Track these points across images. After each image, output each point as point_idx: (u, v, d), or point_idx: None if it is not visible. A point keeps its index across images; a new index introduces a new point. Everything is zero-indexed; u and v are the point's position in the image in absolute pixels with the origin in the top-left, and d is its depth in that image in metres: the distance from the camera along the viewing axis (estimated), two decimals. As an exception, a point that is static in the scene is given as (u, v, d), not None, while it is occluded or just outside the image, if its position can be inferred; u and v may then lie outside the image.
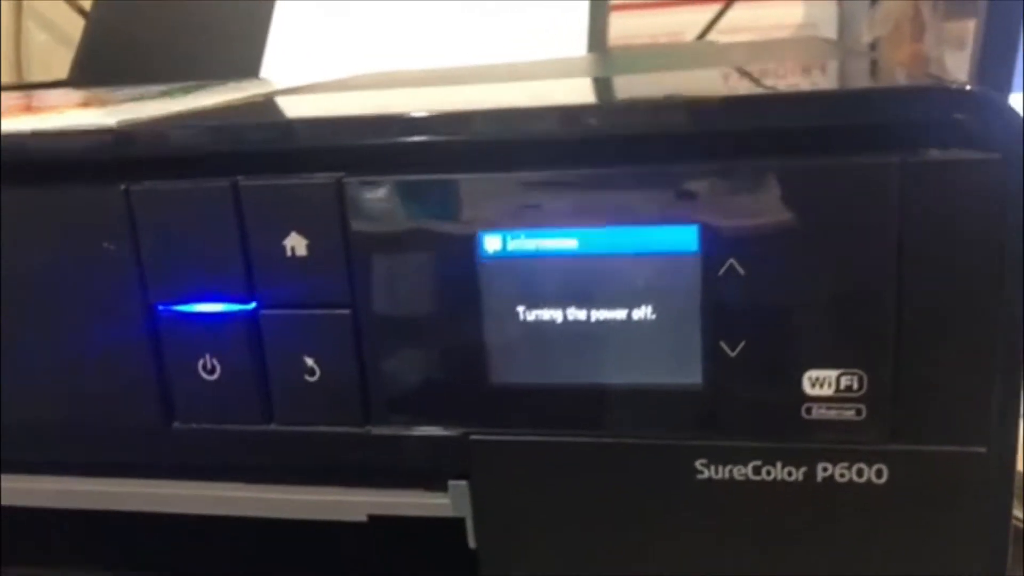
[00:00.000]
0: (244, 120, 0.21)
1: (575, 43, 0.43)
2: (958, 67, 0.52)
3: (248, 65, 0.48)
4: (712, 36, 0.63)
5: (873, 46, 0.60)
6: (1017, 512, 0.32)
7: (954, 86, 0.17)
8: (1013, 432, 0.18)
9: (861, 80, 0.22)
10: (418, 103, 0.23)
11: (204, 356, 0.21)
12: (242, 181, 0.20)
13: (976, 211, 0.17)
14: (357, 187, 0.19)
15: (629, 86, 0.25)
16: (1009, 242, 0.17)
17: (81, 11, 0.64)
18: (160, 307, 0.21)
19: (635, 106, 0.19)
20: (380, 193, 0.19)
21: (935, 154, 0.17)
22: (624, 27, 0.65)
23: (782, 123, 0.18)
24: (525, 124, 0.19)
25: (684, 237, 0.18)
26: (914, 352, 0.18)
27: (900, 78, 0.22)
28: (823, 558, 0.19)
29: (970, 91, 0.17)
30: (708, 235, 0.18)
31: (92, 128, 0.21)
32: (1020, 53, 0.34)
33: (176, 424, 0.22)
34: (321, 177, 0.20)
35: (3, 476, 0.23)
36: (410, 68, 0.41)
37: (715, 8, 0.64)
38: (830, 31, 0.63)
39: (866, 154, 0.17)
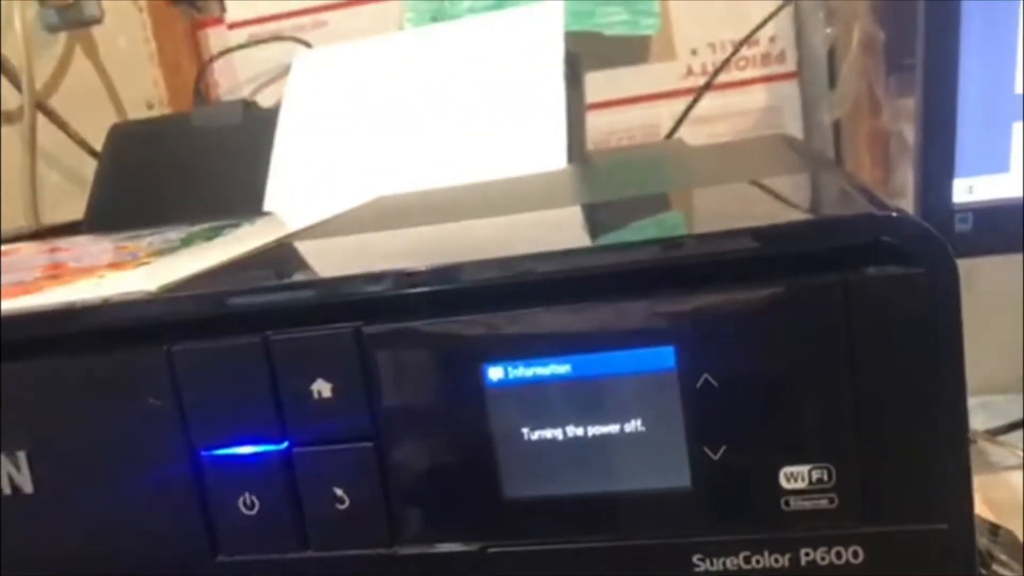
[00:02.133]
0: (270, 284, 0.24)
1: (555, 156, 0.47)
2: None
3: (253, 197, 0.52)
4: (684, 127, 0.67)
5: (836, 126, 0.64)
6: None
7: (882, 213, 0.20)
8: (969, 507, 0.20)
9: (807, 201, 0.25)
10: (421, 248, 0.26)
11: (244, 493, 0.23)
12: (272, 336, 0.23)
13: (911, 316, 0.20)
14: (375, 334, 0.22)
15: (604, 219, 0.28)
16: (943, 341, 0.20)
17: (92, 152, 0.68)
18: (203, 452, 0.23)
19: (611, 248, 0.22)
20: (394, 337, 0.22)
21: (872, 271, 0.20)
22: (602, 124, 0.70)
23: (739, 254, 0.20)
24: (513, 268, 0.22)
25: (662, 357, 0.21)
26: (874, 443, 0.20)
27: (838, 203, 0.25)
28: (816, 636, 0.21)
29: (896, 217, 0.20)
30: (683, 354, 0.21)
31: (134, 298, 0.24)
32: (957, 130, 0.37)
33: (220, 557, 0.24)
34: (341, 327, 0.22)
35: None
36: (402, 191, 0.45)
37: (686, 101, 0.68)
38: (794, 112, 0.67)
39: (813, 275, 0.20)
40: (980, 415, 0.54)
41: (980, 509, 0.42)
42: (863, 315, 0.20)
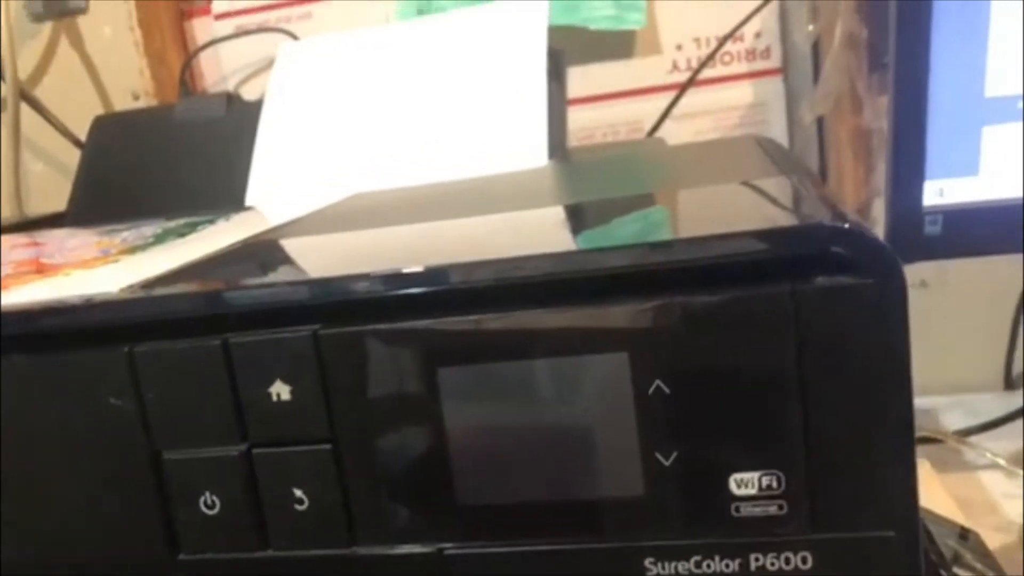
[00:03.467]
0: (230, 288, 0.24)
1: (536, 153, 0.47)
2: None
3: (235, 191, 0.52)
4: (669, 123, 0.68)
5: (819, 122, 0.64)
6: None
7: (831, 223, 0.20)
8: (915, 515, 0.20)
9: (765, 209, 0.25)
10: (389, 249, 0.26)
11: (204, 493, 0.24)
12: (231, 339, 0.23)
13: (860, 326, 0.20)
14: (331, 337, 0.22)
15: (566, 223, 0.28)
16: (890, 351, 0.20)
17: (77, 142, 0.68)
18: (163, 452, 0.24)
19: (569, 255, 0.22)
20: (350, 340, 0.22)
21: (821, 281, 0.20)
22: (587, 119, 0.70)
23: (690, 263, 0.21)
24: (465, 275, 0.22)
25: (616, 364, 0.21)
26: (822, 451, 0.20)
27: (794, 211, 0.25)
28: (765, 640, 0.21)
29: (845, 228, 0.20)
30: (636, 361, 0.21)
31: (95, 299, 0.24)
32: (927, 133, 0.37)
33: (181, 556, 0.24)
34: (299, 330, 0.22)
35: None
36: (381, 188, 0.45)
37: (671, 96, 0.68)
38: (779, 109, 0.67)
39: (763, 284, 0.20)
40: (957, 413, 0.54)
41: (951, 508, 0.43)
42: (812, 324, 0.20)
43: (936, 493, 0.44)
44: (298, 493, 0.23)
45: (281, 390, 0.23)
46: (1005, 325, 0.57)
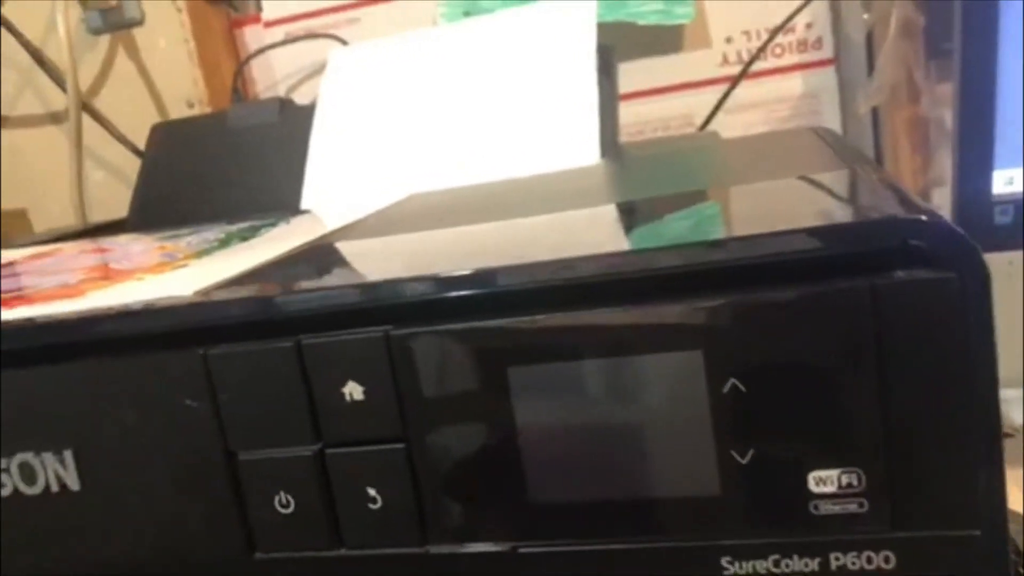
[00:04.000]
0: (301, 290, 0.24)
1: (588, 151, 0.47)
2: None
3: (291, 195, 0.52)
4: (720, 116, 0.67)
5: (874, 113, 0.63)
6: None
7: (909, 216, 0.20)
8: (1001, 514, 0.20)
9: (836, 202, 0.25)
10: (451, 250, 0.26)
11: (279, 493, 0.24)
12: (304, 340, 0.23)
13: (942, 320, 0.19)
14: (403, 338, 0.22)
15: (631, 221, 0.28)
16: (974, 345, 0.19)
17: (136, 151, 0.69)
18: (238, 453, 0.24)
19: (635, 254, 0.22)
20: (423, 341, 0.22)
21: (900, 275, 0.20)
22: (637, 114, 0.69)
23: (766, 259, 0.20)
24: (537, 274, 0.22)
25: (691, 362, 0.21)
26: (904, 448, 0.20)
27: (867, 203, 0.24)
28: (846, 640, 0.21)
29: (924, 220, 0.20)
30: (710, 359, 0.21)
31: (170, 303, 0.24)
32: (996, 120, 0.36)
33: (257, 555, 0.25)
34: (371, 331, 0.23)
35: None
36: (436, 189, 0.45)
37: (722, 89, 0.67)
38: (832, 100, 0.66)
39: (841, 279, 0.20)
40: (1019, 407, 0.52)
41: (1018, 501, 0.42)
42: (892, 319, 0.20)
43: (1008, 490, 0.42)
44: (371, 492, 0.23)
45: (354, 390, 0.23)
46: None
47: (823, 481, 0.20)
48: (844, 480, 0.20)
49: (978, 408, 0.20)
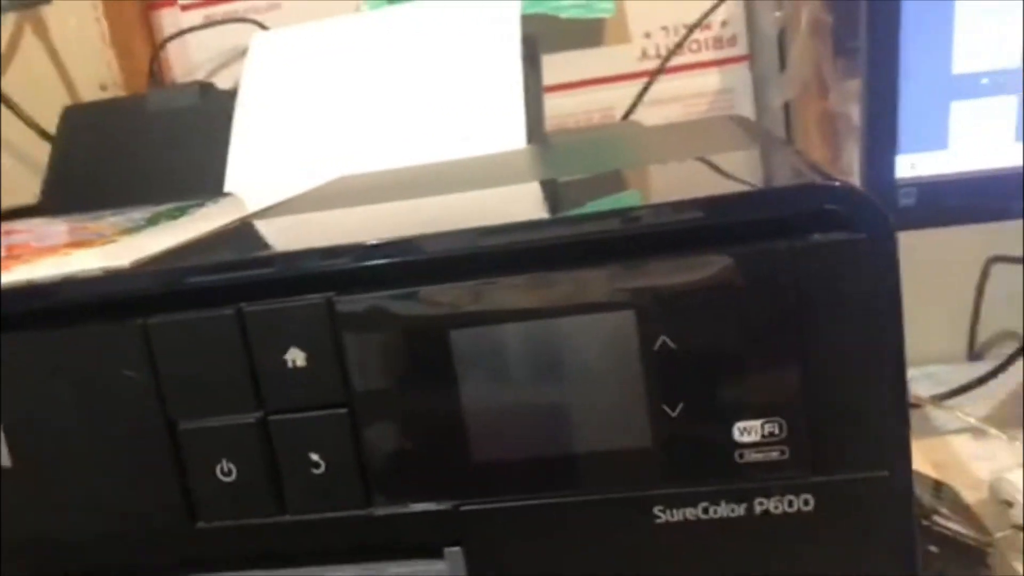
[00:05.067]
0: (242, 258, 0.24)
1: (514, 136, 0.48)
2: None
3: (212, 179, 0.52)
4: (640, 109, 0.69)
5: (786, 107, 0.66)
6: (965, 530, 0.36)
7: (825, 183, 0.22)
8: (907, 456, 0.22)
9: (755, 174, 0.26)
10: (384, 222, 0.27)
11: (221, 461, 0.24)
12: (245, 308, 0.23)
13: (854, 279, 0.21)
14: (345, 304, 0.23)
15: (564, 194, 0.29)
16: (884, 302, 0.21)
17: (45, 135, 0.67)
18: (179, 423, 0.24)
19: (572, 220, 0.23)
20: (364, 307, 0.23)
21: (817, 238, 0.21)
22: (559, 106, 0.71)
23: (693, 223, 0.22)
24: (479, 240, 0.22)
25: (623, 321, 0.22)
26: (821, 398, 0.22)
27: (784, 174, 0.26)
28: (769, 581, 0.23)
29: (839, 186, 0.21)
30: (642, 319, 0.22)
31: (108, 272, 0.24)
32: (899, 109, 0.39)
33: (200, 524, 0.25)
34: (314, 298, 0.23)
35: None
36: (362, 171, 0.45)
37: (641, 83, 0.69)
38: (746, 94, 0.69)
39: (762, 242, 0.21)
40: (924, 384, 0.56)
41: (925, 469, 0.45)
42: (810, 279, 0.21)
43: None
44: (315, 457, 0.24)
45: (296, 357, 0.23)
46: (968, 296, 0.59)
47: (747, 431, 0.22)
48: (767, 429, 0.22)
49: (887, 359, 0.21)
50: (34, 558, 0.25)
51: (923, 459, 0.45)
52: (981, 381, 0.52)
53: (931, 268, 0.61)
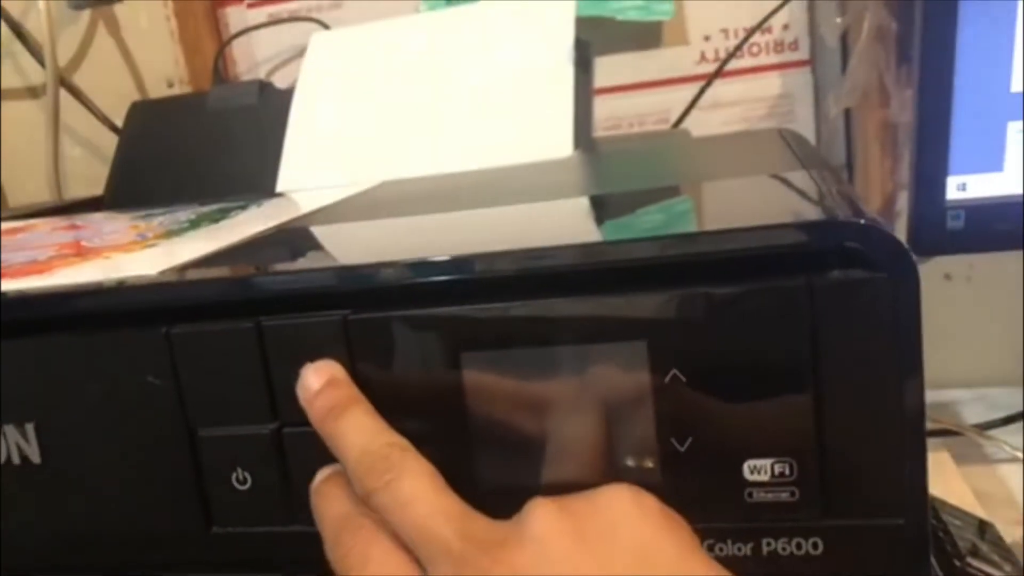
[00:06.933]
0: (263, 273, 0.25)
1: (561, 144, 0.47)
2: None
3: (267, 178, 0.53)
4: (696, 113, 0.68)
5: (846, 115, 0.64)
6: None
7: (846, 219, 0.21)
8: (923, 504, 0.21)
9: (782, 203, 0.26)
10: (415, 238, 0.27)
11: (237, 470, 0.25)
12: (264, 322, 0.24)
13: (873, 319, 0.20)
14: (360, 322, 0.23)
15: (589, 216, 0.29)
16: (903, 343, 0.20)
17: (113, 128, 0.69)
18: (198, 430, 0.25)
19: (591, 247, 0.22)
20: (379, 326, 0.23)
21: (836, 275, 0.21)
22: (614, 109, 0.70)
23: (710, 256, 0.21)
24: (497, 264, 0.22)
25: (635, 352, 0.22)
26: (834, 440, 0.21)
27: (810, 207, 0.25)
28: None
29: (860, 224, 0.20)
30: (654, 350, 0.22)
31: (136, 282, 0.25)
32: (951, 128, 0.37)
33: (215, 529, 0.25)
34: (330, 315, 0.23)
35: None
36: (408, 177, 0.46)
37: (698, 86, 0.68)
38: (806, 101, 0.67)
39: (779, 277, 0.21)
40: (977, 407, 0.54)
41: (970, 501, 0.43)
42: (826, 316, 0.21)
43: (955, 485, 0.44)
44: (326, 471, 0.24)
45: (312, 371, 0.24)
46: (1026, 320, 0.57)
47: (757, 470, 0.21)
48: (777, 469, 0.21)
49: (904, 402, 0.21)
50: (53, 553, 0.26)
51: (967, 487, 0.43)
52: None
53: (989, 287, 0.58)
